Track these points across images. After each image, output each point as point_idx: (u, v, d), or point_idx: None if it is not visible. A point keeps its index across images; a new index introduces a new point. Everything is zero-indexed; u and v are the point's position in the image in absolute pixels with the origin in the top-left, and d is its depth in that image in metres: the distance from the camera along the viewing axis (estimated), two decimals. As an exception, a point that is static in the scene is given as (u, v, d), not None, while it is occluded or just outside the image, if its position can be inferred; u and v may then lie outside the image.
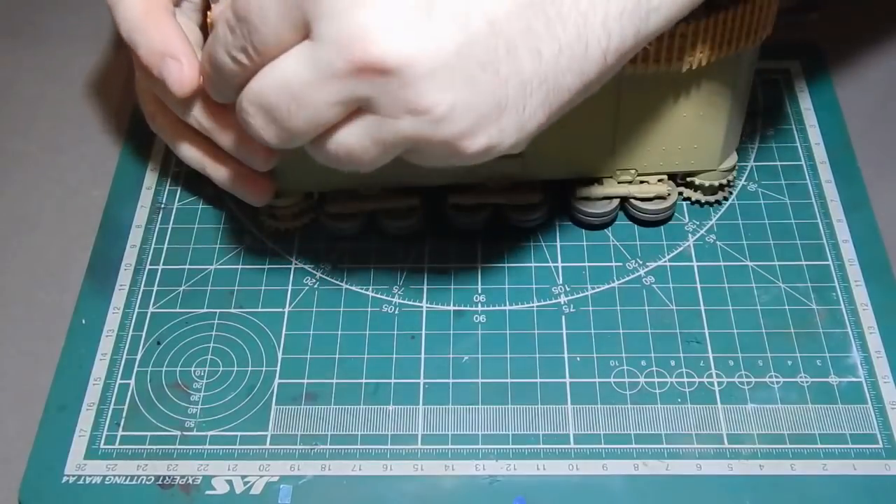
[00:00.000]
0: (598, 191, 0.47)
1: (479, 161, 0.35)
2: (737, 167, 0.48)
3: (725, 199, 0.49)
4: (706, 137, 0.45)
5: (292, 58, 0.33)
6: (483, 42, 0.32)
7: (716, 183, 0.47)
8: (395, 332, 0.45)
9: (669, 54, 0.41)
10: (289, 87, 0.33)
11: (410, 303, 0.46)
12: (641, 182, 0.47)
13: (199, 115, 0.43)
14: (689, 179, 0.48)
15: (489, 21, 0.31)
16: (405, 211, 0.47)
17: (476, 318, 0.45)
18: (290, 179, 0.46)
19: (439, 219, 0.48)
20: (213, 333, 0.45)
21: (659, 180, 0.47)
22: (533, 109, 0.33)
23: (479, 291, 0.46)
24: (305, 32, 0.33)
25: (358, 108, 0.33)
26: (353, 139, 0.34)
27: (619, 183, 0.47)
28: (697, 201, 0.49)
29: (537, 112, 0.34)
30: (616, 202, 0.47)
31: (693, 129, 0.45)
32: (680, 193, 0.48)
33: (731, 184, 0.48)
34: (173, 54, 0.41)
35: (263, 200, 0.46)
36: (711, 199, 0.48)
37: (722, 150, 0.46)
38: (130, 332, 0.45)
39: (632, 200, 0.47)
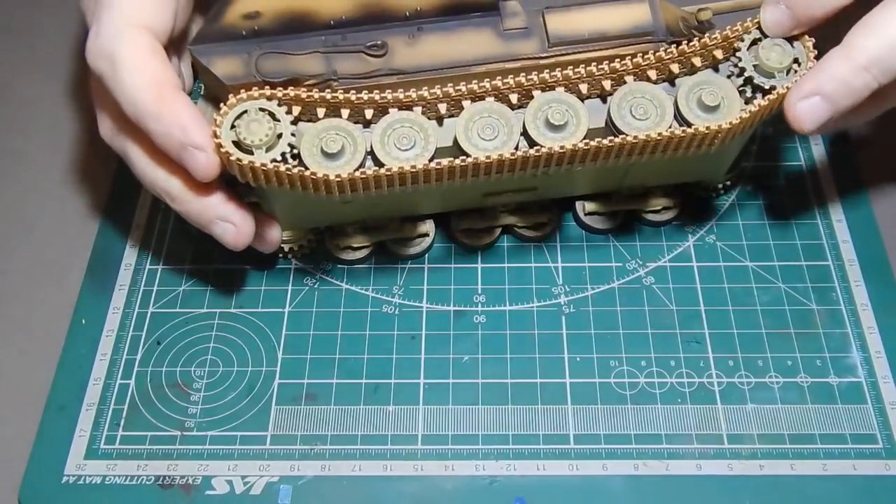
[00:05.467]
0: (606, 206, 0.47)
1: None
2: (737, 170, 0.48)
3: (725, 192, 0.49)
4: (715, 156, 0.45)
5: None
6: None
7: (718, 185, 0.48)
8: (395, 333, 0.45)
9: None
10: None
11: (410, 303, 0.46)
12: (648, 195, 0.47)
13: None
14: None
15: None
16: (415, 238, 0.47)
17: (476, 318, 0.45)
18: (294, 218, 0.45)
19: (439, 220, 0.48)
20: (213, 333, 0.45)
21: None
22: None
23: (479, 291, 0.46)
24: None
25: None
26: None
27: (626, 198, 0.47)
28: (697, 196, 0.49)
29: None
30: (623, 213, 0.47)
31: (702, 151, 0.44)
32: None
33: (733, 183, 0.48)
34: (196, 144, 0.39)
35: (273, 248, 0.45)
36: (712, 195, 0.49)
37: (730, 164, 0.46)
38: (130, 332, 0.45)
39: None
